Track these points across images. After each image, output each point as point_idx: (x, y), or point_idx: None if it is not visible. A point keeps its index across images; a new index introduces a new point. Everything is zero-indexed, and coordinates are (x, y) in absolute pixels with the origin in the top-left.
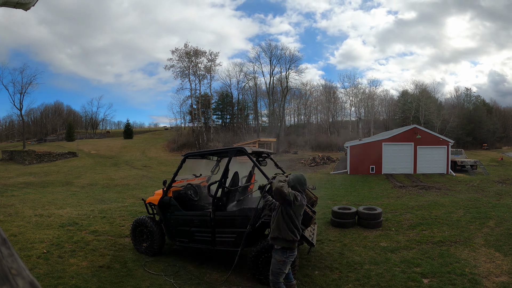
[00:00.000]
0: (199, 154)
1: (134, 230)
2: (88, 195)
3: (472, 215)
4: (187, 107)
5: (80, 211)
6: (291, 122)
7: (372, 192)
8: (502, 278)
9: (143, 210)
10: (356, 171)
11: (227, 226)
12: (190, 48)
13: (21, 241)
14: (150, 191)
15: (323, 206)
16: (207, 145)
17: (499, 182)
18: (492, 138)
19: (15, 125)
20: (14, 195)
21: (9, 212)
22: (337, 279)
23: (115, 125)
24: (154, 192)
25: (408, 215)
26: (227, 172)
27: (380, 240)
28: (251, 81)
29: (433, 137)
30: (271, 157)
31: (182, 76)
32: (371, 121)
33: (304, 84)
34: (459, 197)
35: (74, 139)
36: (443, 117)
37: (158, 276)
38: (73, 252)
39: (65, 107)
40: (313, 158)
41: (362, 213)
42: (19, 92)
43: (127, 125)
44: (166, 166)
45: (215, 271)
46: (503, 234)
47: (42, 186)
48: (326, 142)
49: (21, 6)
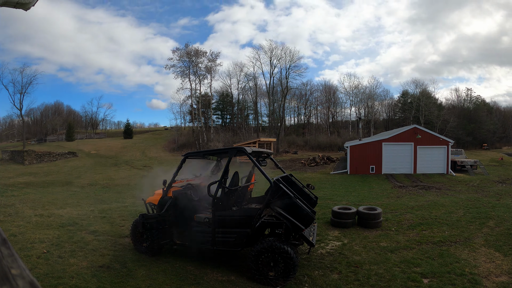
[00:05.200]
0: (199, 154)
1: (134, 230)
2: (88, 195)
3: (472, 215)
4: (187, 107)
5: (80, 211)
6: (291, 122)
7: (372, 192)
8: (502, 278)
9: (143, 210)
10: (356, 171)
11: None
12: (191, 48)
13: (21, 241)
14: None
15: (323, 206)
16: (207, 145)
17: (499, 182)
18: (492, 138)
19: (15, 125)
20: (14, 195)
21: (9, 212)
22: (337, 279)
23: (115, 125)
24: (154, 192)
25: (408, 215)
26: (227, 172)
27: (380, 240)
28: (251, 81)
29: (433, 137)
30: (271, 157)
31: (182, 76)
32: (371, 121)
33: (304, 84)
34: (459, 197)
35: (74, 139)
36: (443, 117)
37: (158, 276)
38: (73, 252)
39: (65, 107)
40: (313, 158)
41: (362, 213)
42: (19, 92)
43: (127, 125)
44: (166, 166)
45: (215, 271)
46: (503, 234)
47: (42, 186)
48: (326, 142)
49: (21, 6)
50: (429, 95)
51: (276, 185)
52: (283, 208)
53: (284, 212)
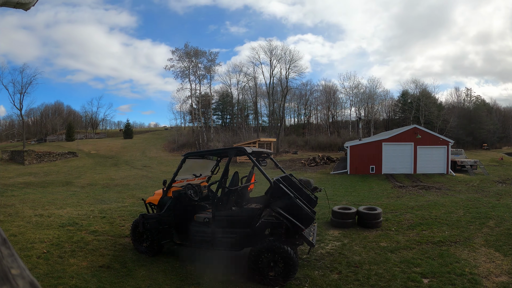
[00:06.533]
0: (199, 154)
1: (134, 230)
2: (88, 195)
3: (472, 215)
4: (187, 107)
5: (80, 211)
6: (291, 122)
7: (372, 192)
8: (502, 278)
9: (143, 210)
10: (356, 171)
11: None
12: (190, 48)
13: (21, 241)
14: (150, 191)
15: (323, 206)
16: (207, 145)
17: (499, 182)
18: (492, 138)
19: (15, 125)
20: (14, 195)
21: (9, 212)
22: (337, 279)
23: (115, 125)
24: (154, 192)
25: (408, 215)
26: (227, 172)
27: (380, 240)
28: (251, 81)
29: (433, 137)
30: (271, 157)
31: (182, 76)
32: (371, 121)
33: (304, 84)
34: (459, 197)
35: (74, 139)
36: (443, 117)
37: (158, 276)
38: (73, 252)
39: (65, 107)
40: (313, 158)
41: (362, 213)
42: (19, 92)
43: (127, 125)
44: (166, 166)
45: (215, 271)
46: (503, 234)
47: (42, 186)
48: (326, 142)
49: (21, 6)
50: (429, 95)
51: (276, 185)
52: (283, 208)
53: (284, 212)
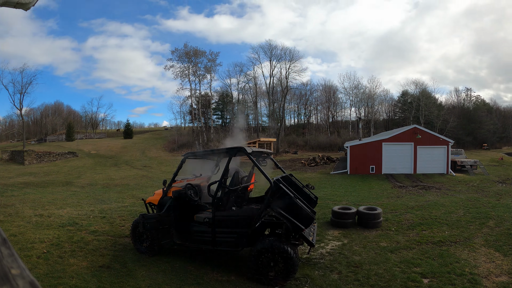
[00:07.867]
0: (199, 154)
1: (134, 230)
2: (88, 195)
3: (472, 215)
4: (187, 107)
5: (80, 211)
6: (291, 122)
7: (372, 192)
8: (502, 278)
9: (143, 210)
10: (356, 171)
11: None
12: (190, 48)
13: (21, 241)
14: (150, 191)
15: (323, 206)
16: (207, 145)
17: (499, 182)
18: (492, 138)
19: (15, 125)
20: (14, 195)
21: (9, 212)
22: (337, 279)
23: (115, 125)
24: (154, 192)
25: (408, 215)
26: (227, 172)
27: (380, 240)
28: (251, 81)
29: (433, 137)
30: (271, 157)
31: (182, 76)
32: (371, 121)
33: (304, 84)
34: (459, 197)
35: (74, 139)
36: (443, 117)
37: (158, 276)
38: (73, 252)
39: (65, 107)
40: (313, 158)
41: (362, 213)
42: (19, 92)
43: (127, 125)
44: (166, 166)
45: (215, 271)
46: (503, 234)
47: (42, 186)
48: (326, 142)
49: (21, 6)
50: (429, 95)
51: (276, 185)
52: (283, 208)
53: (284, 212)
